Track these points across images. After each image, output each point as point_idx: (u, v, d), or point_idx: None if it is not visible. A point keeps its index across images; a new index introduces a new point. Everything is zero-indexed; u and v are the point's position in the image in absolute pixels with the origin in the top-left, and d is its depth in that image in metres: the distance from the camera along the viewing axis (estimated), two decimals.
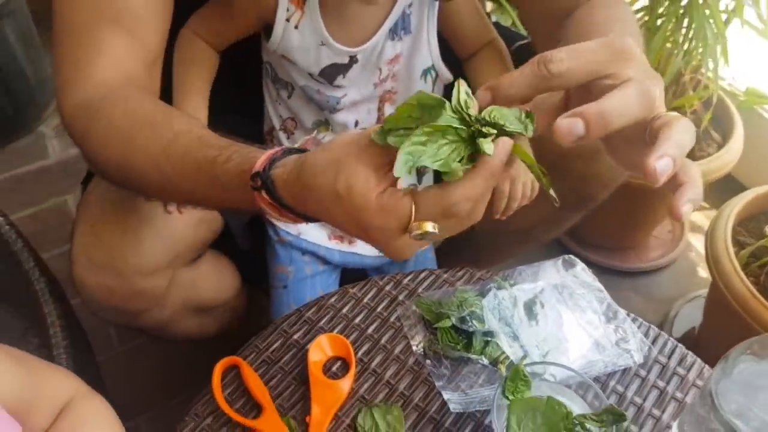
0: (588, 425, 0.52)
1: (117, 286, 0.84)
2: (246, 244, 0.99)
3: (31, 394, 0.53)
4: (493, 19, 1.37)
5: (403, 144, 0.44)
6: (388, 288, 0.77)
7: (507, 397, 0.56)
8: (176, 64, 0.81)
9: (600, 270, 1.49)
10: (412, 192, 0.48)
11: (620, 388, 0.67)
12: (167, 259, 0.85)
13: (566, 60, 0.48)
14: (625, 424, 0.52)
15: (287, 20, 0.77)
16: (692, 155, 1.39)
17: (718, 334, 1.25)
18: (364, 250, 0.95)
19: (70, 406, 0.56)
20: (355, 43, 0.79)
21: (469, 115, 0.46)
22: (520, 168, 0.77)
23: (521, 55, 0.71)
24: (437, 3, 0.80)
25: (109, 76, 0.69)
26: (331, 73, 0.81)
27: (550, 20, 0.78)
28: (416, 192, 0.48)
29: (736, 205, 1.20)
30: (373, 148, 0.48)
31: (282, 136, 0.89)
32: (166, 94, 0.77)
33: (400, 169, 0.45)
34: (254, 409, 0.66)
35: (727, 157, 1.37)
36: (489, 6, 1.49)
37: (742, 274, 1.09)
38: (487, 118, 0.46)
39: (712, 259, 1.15)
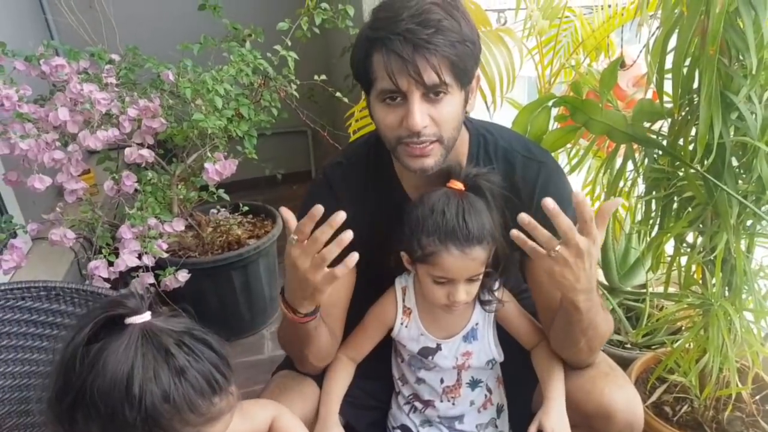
0: None
1: None
2: None
3: (250, 424, 0.98)
4: None
5: None
6: None
7: None
8: (327, 379, 1.29)
9: None
10: None
11: None
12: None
13: None
14: None
15: (402, 324, 1.29)
16: None
17: None
18: None
19: (277, 417, 1.03)
20: (441, 337, 1.27)
21: None
22: None
23: None
24: (492, 315, 1.28)
25: None
26: (425, 353, 1.28)
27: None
28: None
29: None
30: None
31: (400, 382, 1.37)
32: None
33: None
34: None
35: None
36: None
37: None
38: None
39: None
